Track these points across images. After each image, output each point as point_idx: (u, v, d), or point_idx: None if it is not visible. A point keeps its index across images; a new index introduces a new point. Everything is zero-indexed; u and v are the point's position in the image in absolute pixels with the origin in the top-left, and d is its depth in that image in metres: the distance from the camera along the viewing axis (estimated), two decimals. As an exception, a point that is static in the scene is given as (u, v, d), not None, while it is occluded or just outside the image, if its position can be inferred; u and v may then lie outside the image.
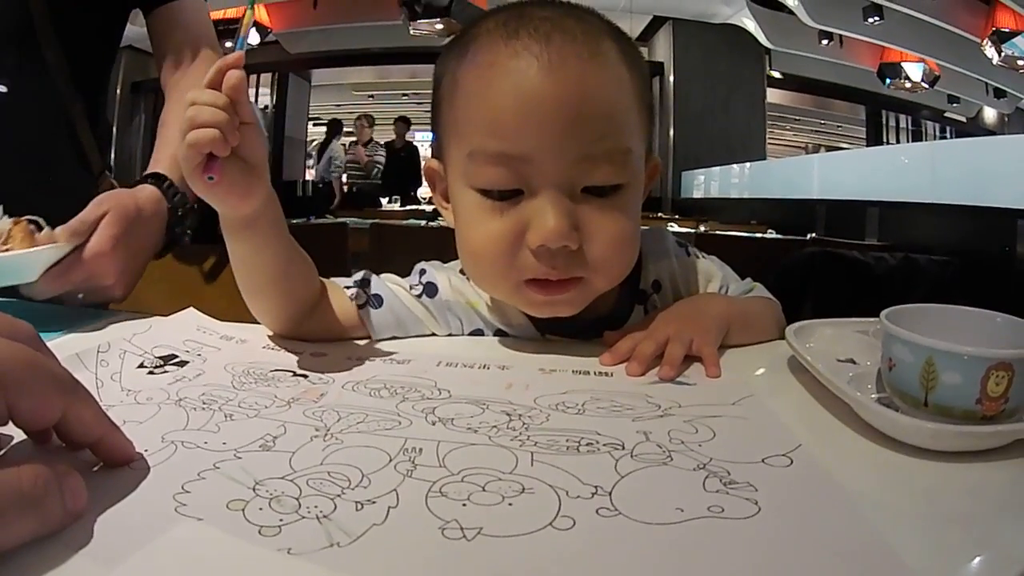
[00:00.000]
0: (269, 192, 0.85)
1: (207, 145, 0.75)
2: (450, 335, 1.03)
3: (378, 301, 0.99)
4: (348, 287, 0.99)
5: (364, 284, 1.00)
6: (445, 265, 1.07)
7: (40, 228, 1.04)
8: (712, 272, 1.09)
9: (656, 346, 0.86)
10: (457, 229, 0.92)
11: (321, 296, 0.98)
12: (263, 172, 0.83)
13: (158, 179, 1.31)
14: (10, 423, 0.47)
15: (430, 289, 1.02)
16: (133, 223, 1.14)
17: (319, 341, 0.96)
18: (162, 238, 1.26)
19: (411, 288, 1.02)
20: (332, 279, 1.02)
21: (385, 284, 1.01)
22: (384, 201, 9.41)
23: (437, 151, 0.95)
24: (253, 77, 12.70)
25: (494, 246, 0.85)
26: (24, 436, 0.54)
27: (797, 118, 17.55)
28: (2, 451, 0.54)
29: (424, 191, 9.45)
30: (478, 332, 1.03)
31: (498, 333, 1.03)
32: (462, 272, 1.03)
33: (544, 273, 0.85)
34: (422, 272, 1.05)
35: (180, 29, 1.61)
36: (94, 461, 0.55)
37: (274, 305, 0.94)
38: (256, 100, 13.04)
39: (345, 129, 11.95)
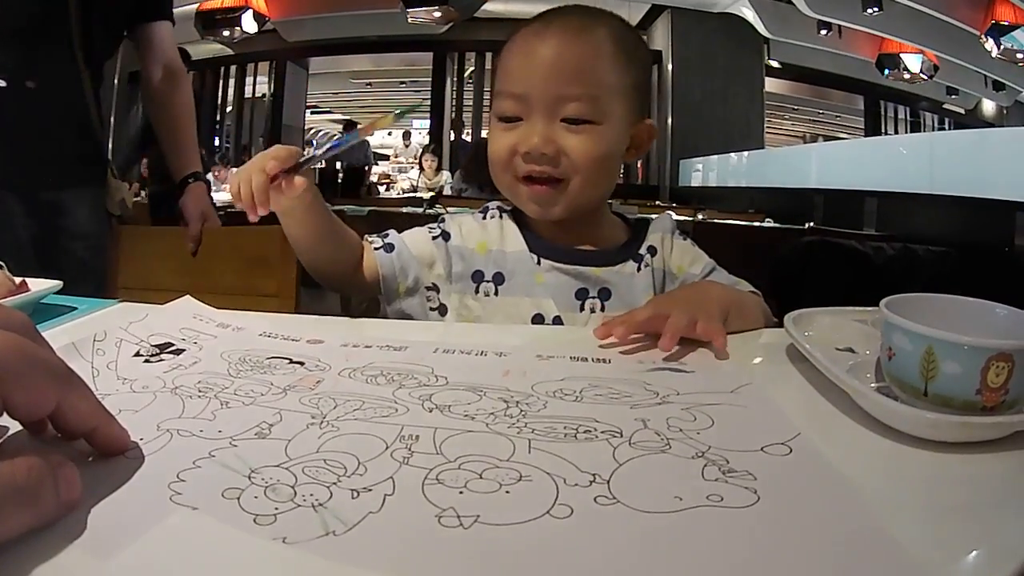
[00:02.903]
0: (306, 186, 1.09)
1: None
2: (448, 279, 1.23)
3: (389, 248, 1.23)
4: (371, 237, 1.26)
5: (383, 236, 1.26)
6: (465, 212, 1.36)
7: None
8: (697, 255, 1.29)
9: (651, 318, 0.91)
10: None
11: (361, 256, 1.23)
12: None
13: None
14: (4, 415, 0.47)
15: (445, 236, 1.26)
16: None
17: (362, 291, 1.25)
18: None
19: (430, 230, 1.27)
20: (365, 236, 1.26)
21: (400, 235, 1.27)
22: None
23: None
24: (250, 66, 12.71)
25: (501, 152, 1.16)
26: (19, 427, 0.54)
27: (795, 108, 17.58)
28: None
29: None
30: (479, 273, 1.23)
31: (496, 277, 1.23)
32: (481, 212, 1.32)
33: (529, 170, 1.14)
34: (441, 221, 1.30)
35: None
36: (89, 451, 0.54)
37: (324, 257, 1.19)
38: (254, 88, 13.04)
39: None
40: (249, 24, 10.35)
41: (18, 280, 1.02)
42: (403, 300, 1.23)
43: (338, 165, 10.43)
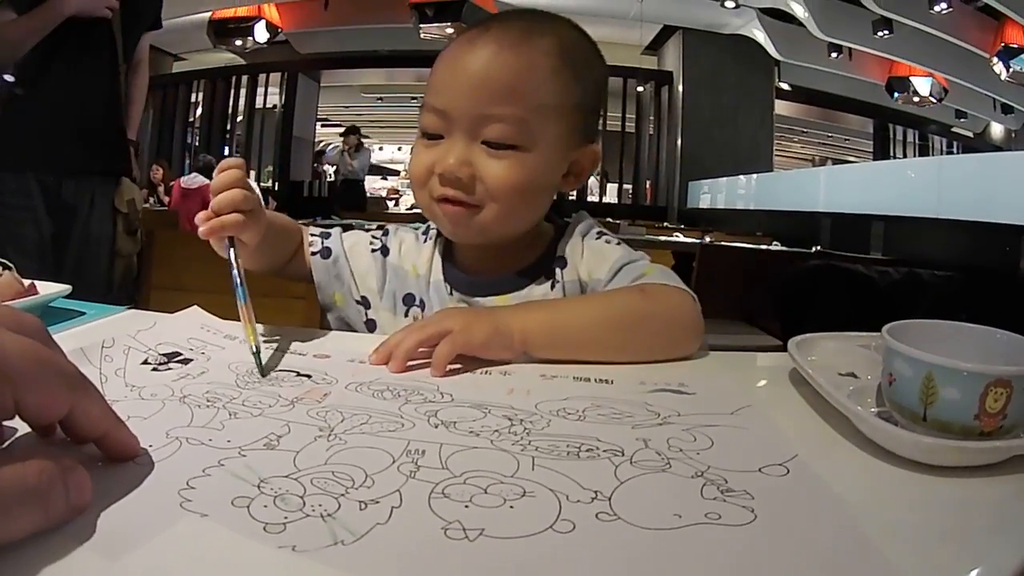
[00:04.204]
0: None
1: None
2: (380, 295, 1.20)
3: (326, 254, 1.21)
4: (314, 235, 1.24)
5: (325, 236, 1.24)
6: (410, 227, 1.29)
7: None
8: (605, 256, 1.14)
9: (417, 342, 0.88)
10: None
11: (299, 245, 1.22)
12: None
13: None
14: (16, 417, 0.48)
15: (384, 251, 1.23)
16: None
17: (296, 279, 1.23)
18: None
19: (371, 241, 1.24)
20: (310, 227, 1.26)
21: (340, 240, 1.24)
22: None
23: None
24: (262, 76, 12.74)
25: (419, 170, 1.08)
26: (28, 429, 0.55)
27: (805, 130, 17.54)
28: (6, 444, 0.54)
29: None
30: (410, 296, 1.19)
31: (421, 303, 1.18)
32: (420, 223, 1.26)
33: (444, 193, 1.05)
34: (385, 233, 1.27)
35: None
36: (98, 455, 0.55)
37: (264, 261, 1.14)
38: (265, 99, 13.06)
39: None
40: (261, 34, 10.40)
41: (27, 282, 1.03)
42: (342, 309, 1.21)
43: (331, 172, 10.34)
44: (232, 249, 0.97)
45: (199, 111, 12.99)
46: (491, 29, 1.05)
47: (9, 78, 2.12)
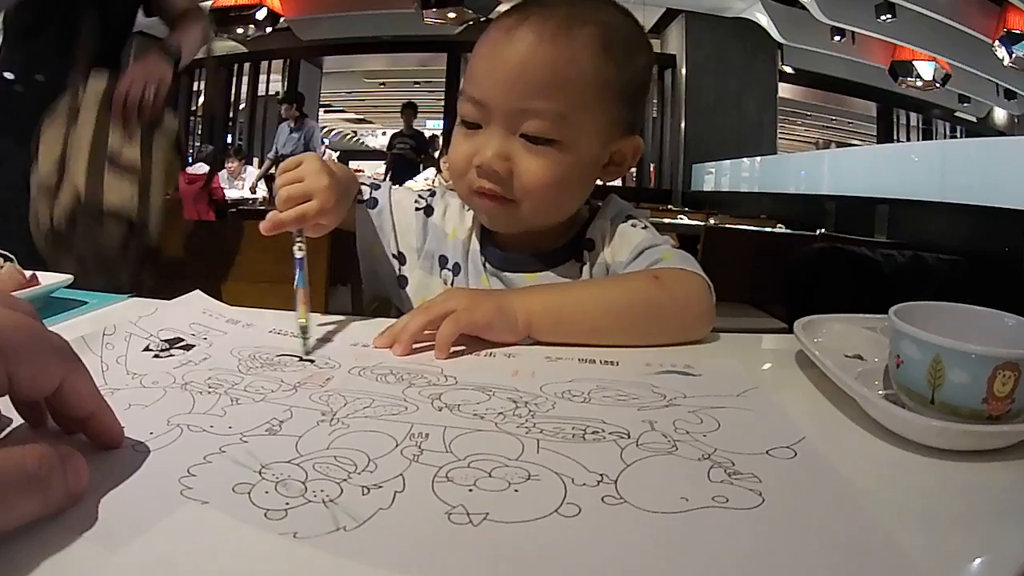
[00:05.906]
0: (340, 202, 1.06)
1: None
2: (417, 253, 1.22)
3: (373, 204, 1.23)
4: (364, 184, 1.25)
5: (375, 187, 1.26)
6: (454, 193, 1.25)
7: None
8: (631, 237, 1.15)
9: (423, 324, 0.89)
10: None
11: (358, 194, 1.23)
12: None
13: None
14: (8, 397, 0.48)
15: (428, 210, 1.24)
16: None
17: (348, 228, 1.20)
18: None
19: (417, 200, 1.26)
20: (363, 182, 1.26)
21: (388, 193, 1.25)
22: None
23: None
24: (264, 63, 12.72)
25: (459, 160, 1.07)
26: (22, 421, 0.54)
27: (808, 113, 17.50)
28: (3, 434, 0.54)
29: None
30: (444, 258, 1.21)
31: (455, 267, 1.20)
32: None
33: (481, 185, 1.05)
34: (432, 194, 1.28)
35: None
36: (93, 445, 0.54)
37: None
38: (267, 86, 13.03)
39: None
40: (262, 22, 10.36)
41: (28, 274, 1.03)
42: (377, 261, 1.22)
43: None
44: (299, 242, 0.98)
45: (201, 99, 12.98)
46: (530, 18, 1.01)
47: (9, 75, 2.12)
